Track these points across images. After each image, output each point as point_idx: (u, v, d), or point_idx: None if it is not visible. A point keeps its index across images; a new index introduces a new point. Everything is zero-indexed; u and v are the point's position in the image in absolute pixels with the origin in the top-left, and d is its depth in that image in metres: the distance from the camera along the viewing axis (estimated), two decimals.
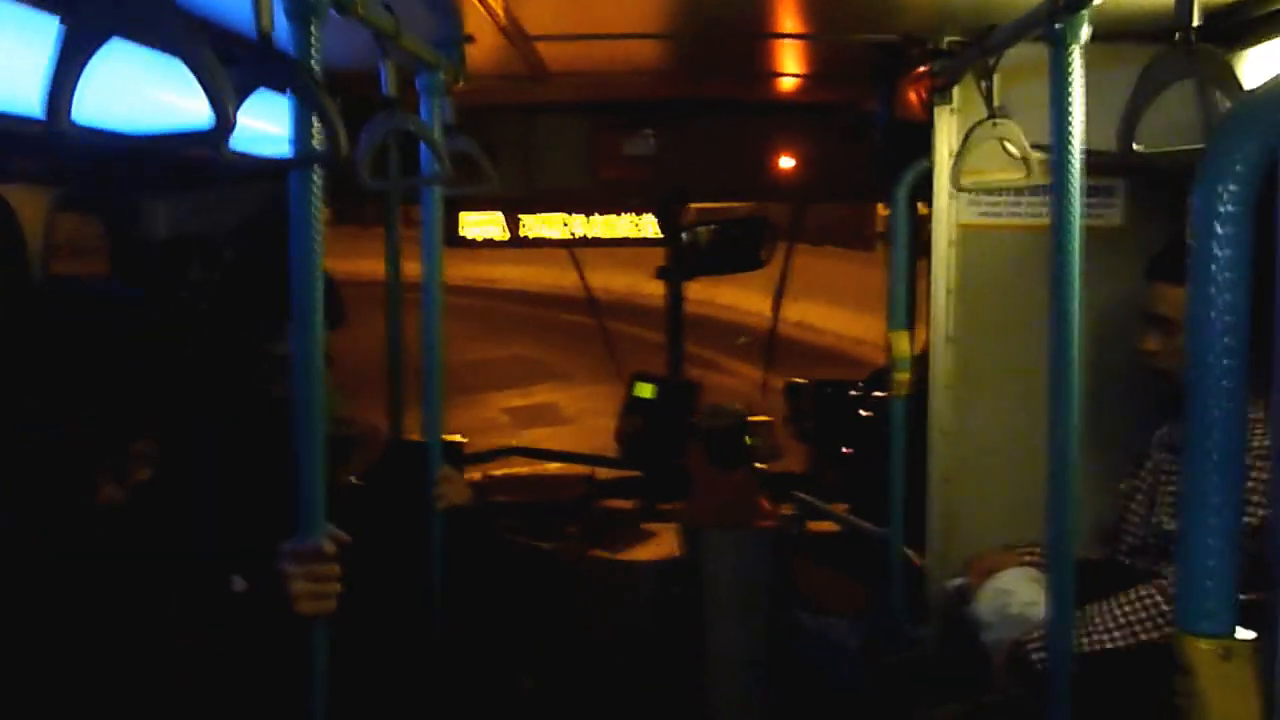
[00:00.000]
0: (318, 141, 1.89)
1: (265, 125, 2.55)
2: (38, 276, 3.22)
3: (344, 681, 2.27)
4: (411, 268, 3.71)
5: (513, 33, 3.33)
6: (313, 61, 1.87)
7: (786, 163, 5.11)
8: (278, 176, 2.02)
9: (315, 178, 1.95)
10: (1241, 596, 1.23)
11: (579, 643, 4.54)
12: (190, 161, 3.16)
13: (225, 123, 1.46)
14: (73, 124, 1.49)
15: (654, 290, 6.06)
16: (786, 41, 3.81)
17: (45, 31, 1.98)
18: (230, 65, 1.55)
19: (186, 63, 1.45)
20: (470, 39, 3.15)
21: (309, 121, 1.87)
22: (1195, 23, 2.01)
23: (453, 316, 3.33)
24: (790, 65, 4.26)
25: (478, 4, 2.94)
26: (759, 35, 3.69)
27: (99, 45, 1.47)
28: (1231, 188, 1.28)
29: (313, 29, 1.87)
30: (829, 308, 15.95)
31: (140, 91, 2.45)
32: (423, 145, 2.94)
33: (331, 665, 2.22)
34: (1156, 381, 3.12)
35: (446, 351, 3.24)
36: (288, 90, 1.84)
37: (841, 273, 15.93)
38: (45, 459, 2.06)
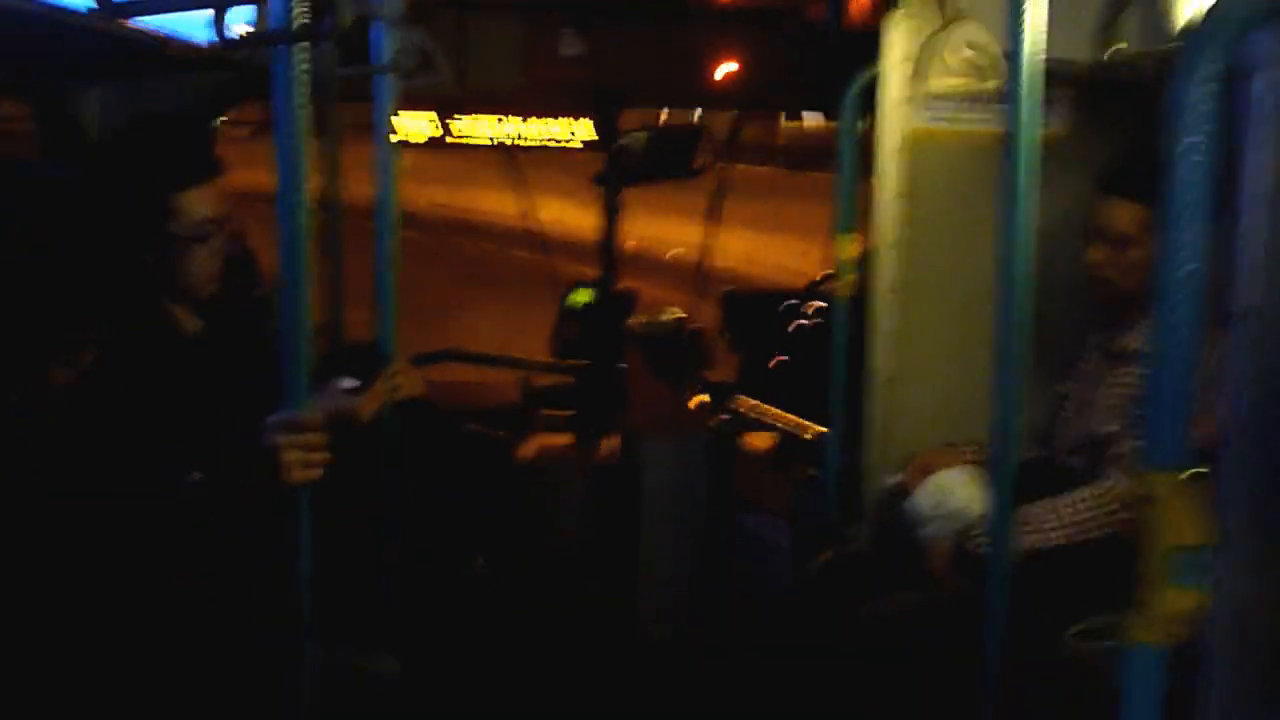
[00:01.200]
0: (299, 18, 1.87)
1: None
2: None
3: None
4: None
5: None
6: None
7: (727, 68, 5.11)
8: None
9: (302, 56, 1.94)
10: None
11: (524, 533, 4.60)
12: (129, 45, 3.11)
13: None
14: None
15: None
16: None
17: None
18: None
19: None
20: None
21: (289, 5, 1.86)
22: None
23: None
24: None
25: None
26: None
27: None
28: (1204, 87, 1.38)
29: None
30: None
31: None
32: (375, 35, 2.91)
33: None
34: (1099, 293, 3.17)
35: None
36: None
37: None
38: None
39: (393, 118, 5.04)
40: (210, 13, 1.78)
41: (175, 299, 2.82)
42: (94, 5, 1.51)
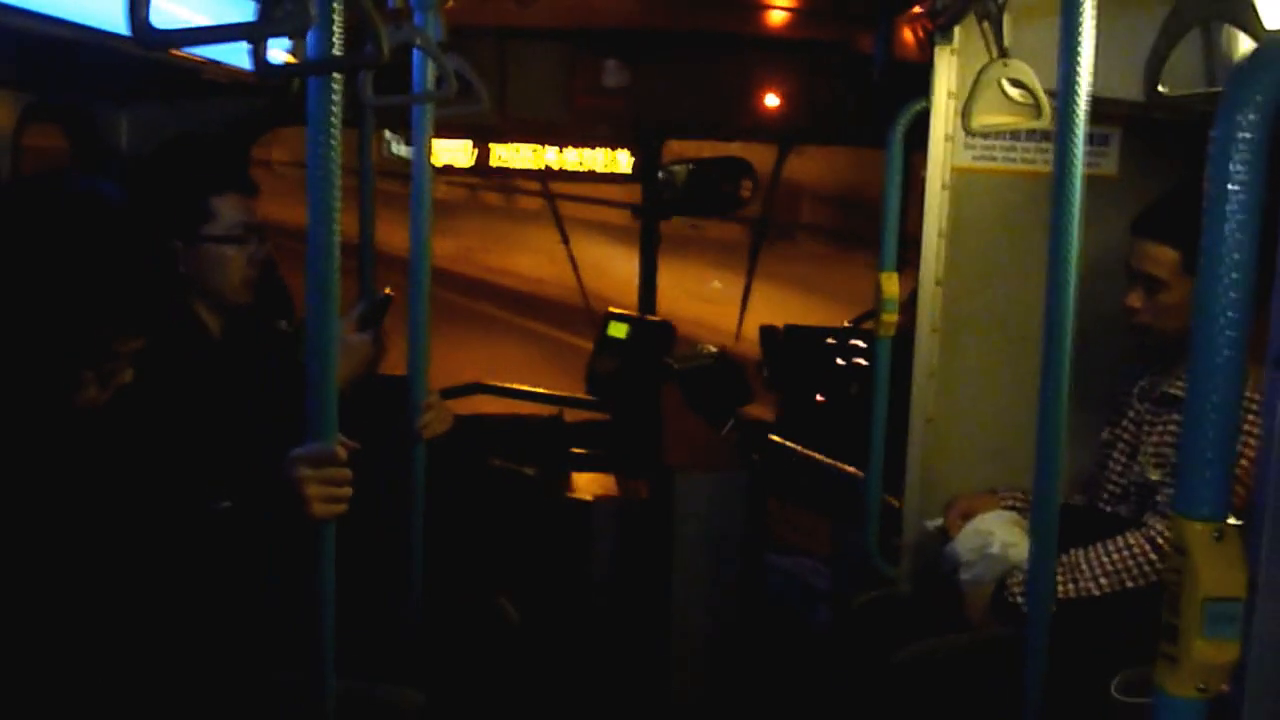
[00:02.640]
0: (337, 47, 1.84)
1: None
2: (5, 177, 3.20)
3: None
4: None
5: None
6: None
7: (771, 101, 5.07)
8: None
9: (335, 86, 1.90)
10: None
11: (554, 576, 4.54)
12: (163, 68, 3.11)
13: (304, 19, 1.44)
14: (153, 29, 1.44)
15: None
16: None
17: None
18: None
19: None
20: None
21: (330, 25, 1.82)
22: None
23: None
24: None
25: None
26: None
27: None
28: (1251, 117, 1.35)
29: None
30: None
31: None
32: (417, 63, 2.89)
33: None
34: (1141, 339, 3.12)
35: None
36: None
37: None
38: (29, 355, 2.02)
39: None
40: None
41: (205, 304, 2.84)
42: (131, 34, 1.47)
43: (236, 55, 3.03)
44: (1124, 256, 3.11)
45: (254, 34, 1.62)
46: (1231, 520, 1.44)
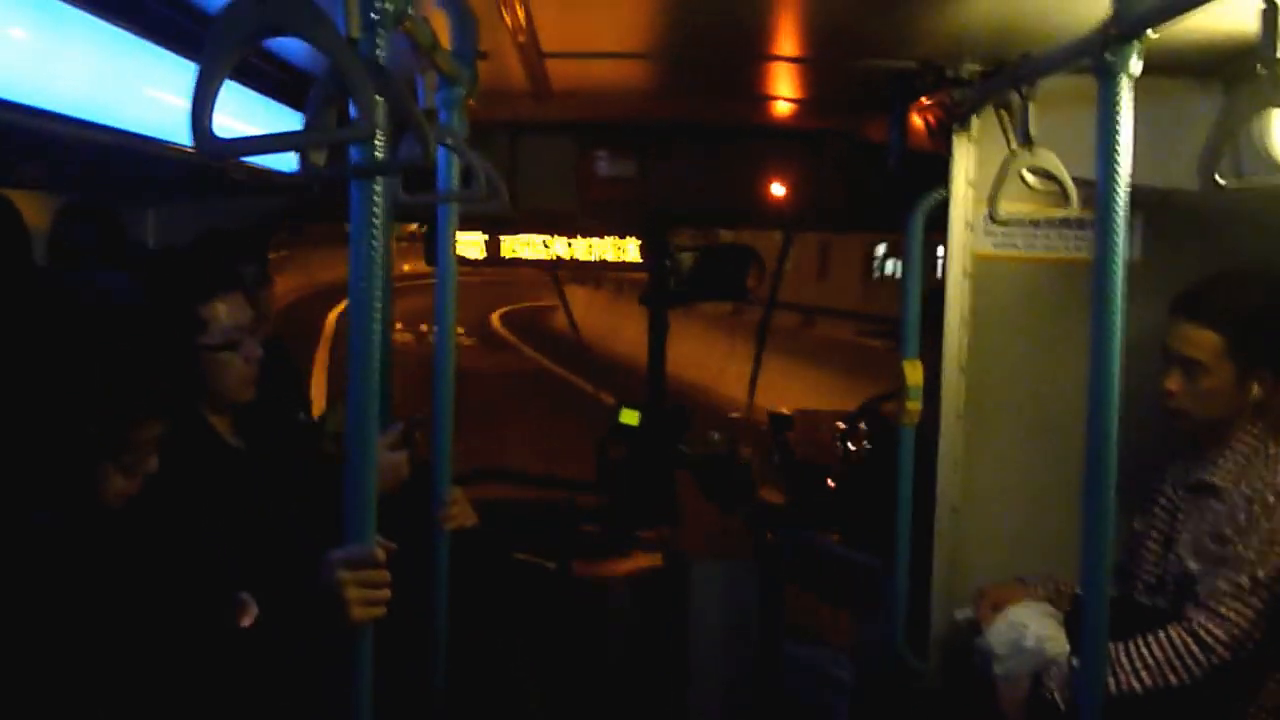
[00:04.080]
0: (380, 151, 1.82)
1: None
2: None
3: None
4: None
5: (528, 49, 3.28)
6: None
7: (778, 190, 5.08)
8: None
9: (377, 190, 1.89)
10: None
11: (573, 662, 4.50)
12: (196, 171, 3.13)
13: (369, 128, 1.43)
14: (215, 139, 1.44)
15: None
16: (791, 65, 3.78)
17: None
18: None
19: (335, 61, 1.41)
20: (485, 55, 3.10)
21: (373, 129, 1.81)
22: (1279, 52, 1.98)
23: None
24: (790, 89, 4.23)
25: (500, 20, 2.89)
26: (768, 58, 3.65)
27: (240, 54, 1.42)
28: None
29: (381, 39, 1.82)
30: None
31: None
32: (442, 161, 2.90)
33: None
34: (1176, 424, 3.09)
35: None
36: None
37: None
38: (45, 449, 1.99)
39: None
40: None
41: (213, 409, 2.84)
42: (194, 144, 1.47)
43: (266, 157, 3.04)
44: (1152, 343, 3.10)
45: (311, 141, 1.62)
46: None
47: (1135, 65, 2.22)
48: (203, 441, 2.83)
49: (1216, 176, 2.09)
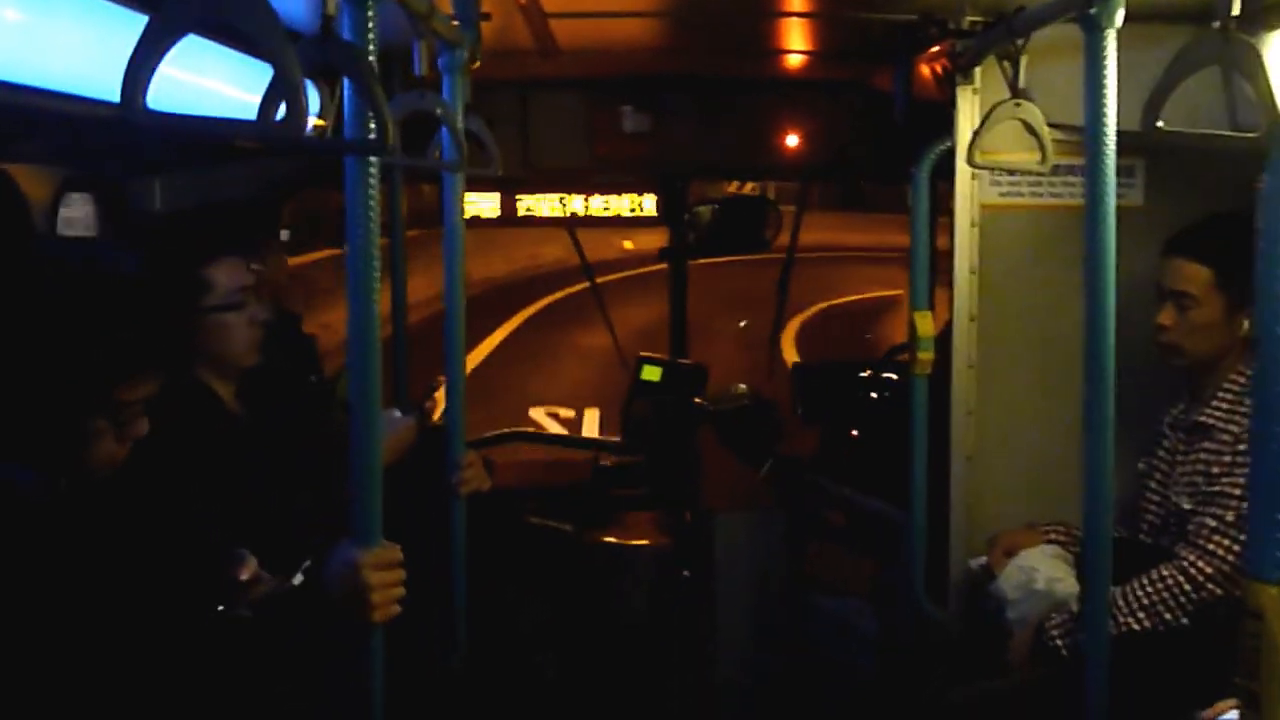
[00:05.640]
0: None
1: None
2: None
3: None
4: None
5: (531, 10, 3.29)
6: (370, 45, 1.85)
7: (792, 141, 5.08)
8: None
9: (371, 167, 1.92)
10: None
11: (593, 628, 4.53)
12: (200, 140, 3.14)
13: (299, 112, 1.46)
14: (148, 110, 1.48)
15: None
16: (797, 19, 3.79)
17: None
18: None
19: (268, 56, 1.44)
20: (487, 16, 3.12)
21: (365, 108, 1.84)
22: (1234, 11, 1.99)
23: None
24: (798, 43, 4.23)
25: None
26: (773, 14, 3.66)
27: (181, 36, 1.46)
28: None
29: (370, 11, 1.85)
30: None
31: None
32: (445, 127, 2.92)
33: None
34: (1170, 361, 3.12)
35: None
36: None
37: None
38: (37, 410, 2.01)
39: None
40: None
41: (217, 374, 2.85)
42: (123, 115, 1.51)
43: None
44: (1154, 282, 3.12)
45: (244, 132, 1.65)
46: None
47: (1119, 16, 2.24)
48: (203, 407, 2.85)
49: (1159, 122, 2.10)
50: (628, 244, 17.70)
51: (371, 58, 1.87)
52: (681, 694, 4.53)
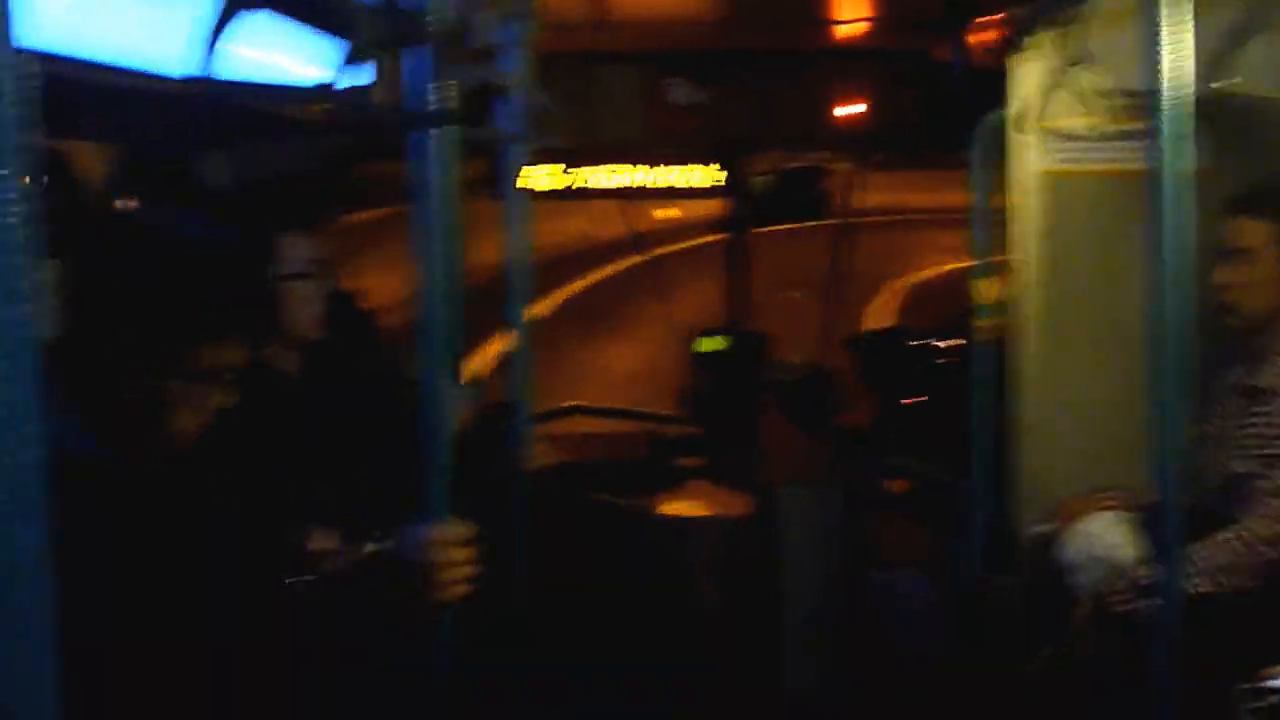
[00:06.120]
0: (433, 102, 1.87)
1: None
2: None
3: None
4: None
5: None
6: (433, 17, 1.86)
7: (849, 111, 5.08)
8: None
9: (439, 139, 1.94)
10: None
11: (656, 603, 4.54)
12: (260, 113, 3.18)
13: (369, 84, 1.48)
14: (218, 80, 1.50)
15: None
16: None
17: None
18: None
19: (336, 27, 1.46)
20: None
21: (428, 79, 1.86)
22: None
23: None
24: (854, 13, 4.23)
25: None
26: None
27: (252, 8, 1.48)
28: None
29: None
30: None
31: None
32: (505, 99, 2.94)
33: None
34: (1227, 320, 3.09)
35: None
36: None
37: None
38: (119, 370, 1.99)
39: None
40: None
41: (282, 344, 2.86)
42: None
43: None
44: (1215, 245, 3.10)
45: (317, 103, 1.67)
46: None
47: None
48: (270, 379, 2.86)
49: (1211, 83, 2.08)
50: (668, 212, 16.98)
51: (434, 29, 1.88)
52: (749, 671, 4.54)
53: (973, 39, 3.65)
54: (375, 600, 2.18)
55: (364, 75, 1.70)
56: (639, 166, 5.82)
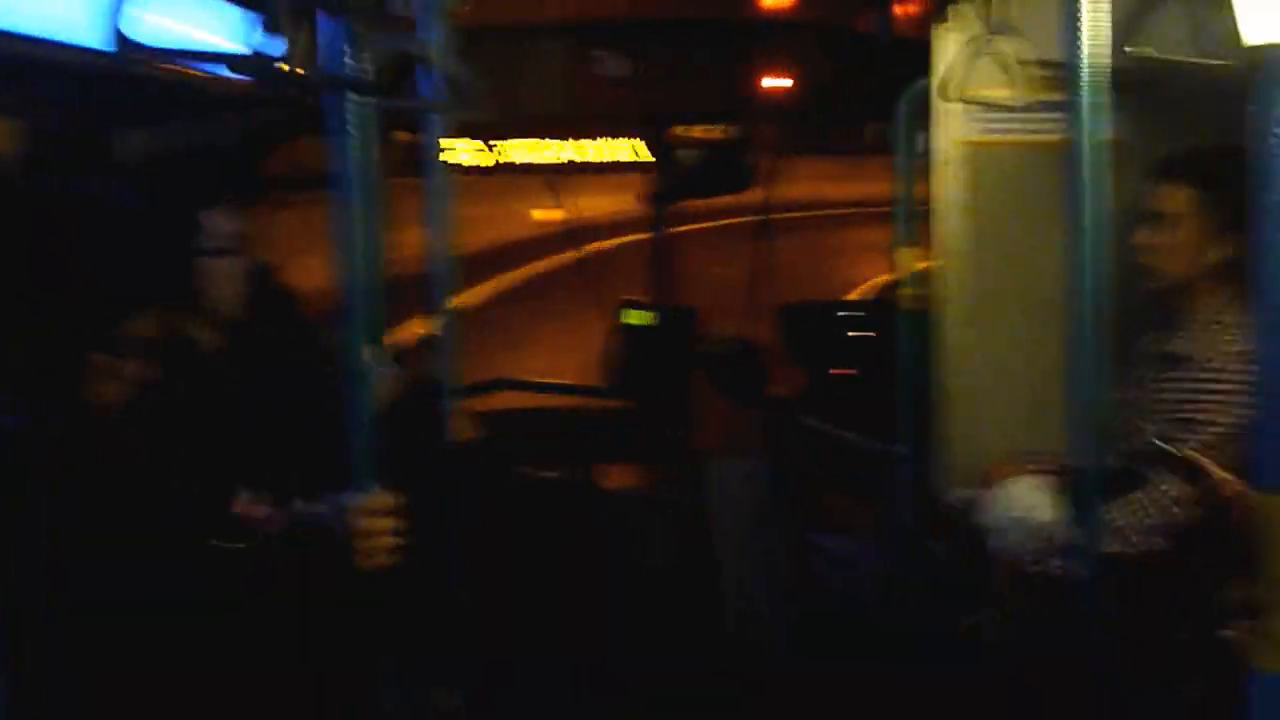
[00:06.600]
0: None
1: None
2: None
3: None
4: None
5: None
6: None
7: (774, 82, 5.09)
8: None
9: (353, 106, 1.92)
10: None
11: (590, 575, 4.56)
12: (171, 87, 3.13)
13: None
14: (135, 45, 1.48)
15: None
16: None
17: None
18: None
19: None
20: None
21: (342, 45, 1.84)
22: None
23: None
24: None
25: None
26: None
27: None
28: None
29: None
30: None
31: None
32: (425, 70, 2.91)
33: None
34: (1146, 284, 3.14)
35: None
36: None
37: None
38: (38, 343, 2.00)
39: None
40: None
41: (204, 320, 2.83)
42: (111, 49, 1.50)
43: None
44: (1138, 211, 3.14)
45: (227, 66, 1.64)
46: None
47: None
48: (187, 353, 2.83)
49: (1126, 47, 2.11)
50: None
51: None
52: (687, 640, 4.56)
53: (898, 9, 3.66)
54: (302, 566, 2.18)
55: (277, 46, 1.67)
56: (565, 142, 5.79)
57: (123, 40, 1.49)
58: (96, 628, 1.99)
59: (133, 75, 2.66)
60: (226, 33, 3.08)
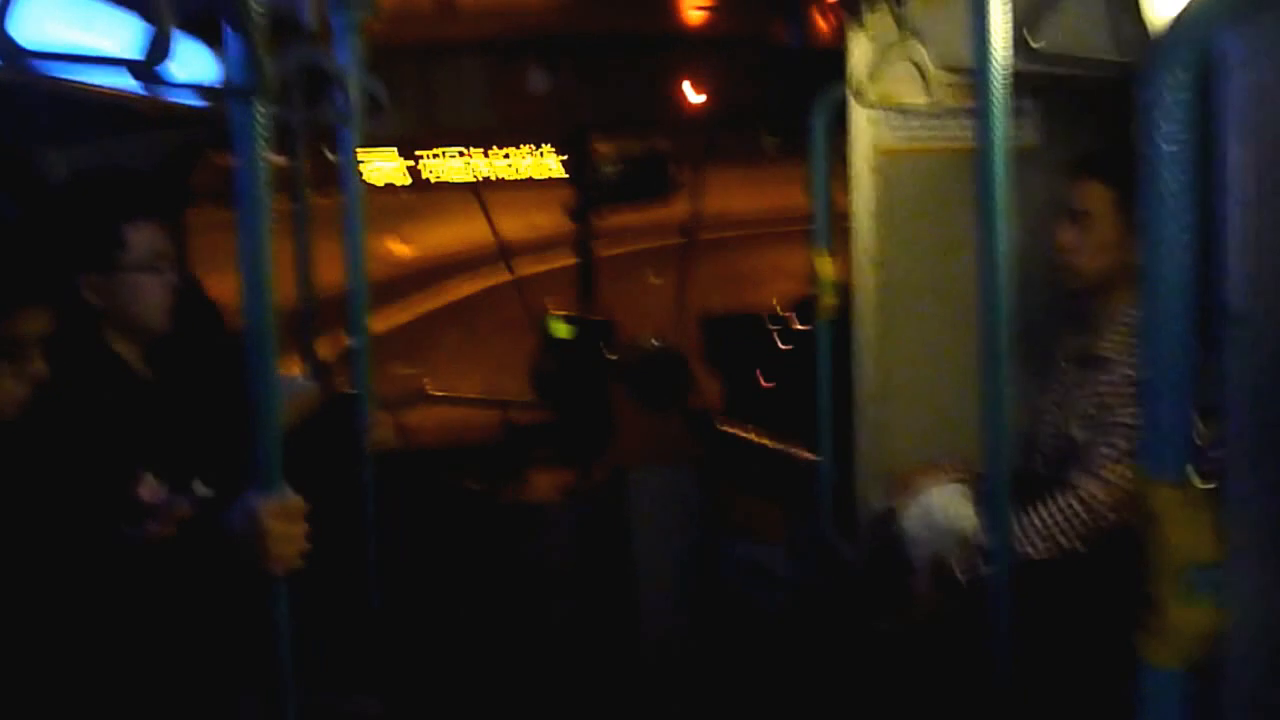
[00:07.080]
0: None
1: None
2: None
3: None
4: None
5: None
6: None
7: (693, 94, 5.11)
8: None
9: (260, 118, 1.90)
10: None
11: (510, 586, 4.55)
12: (88, 104, 3.10)
13: (162, 50, 1.44)
14: (23, 50, 1.45)
15: None
16: None
17: None
18: None
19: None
20: None
21: (252, 54, 1.82)
22: None
23: None
24: None
25: None
26: None
27: None
28: (1180, 76, 1.34)
29: None
30: None
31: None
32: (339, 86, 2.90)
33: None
34: (1067, 284, 3.16)
35: None
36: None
37: None
38: None
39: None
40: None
41: (124, 335, 2.81)
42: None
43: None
44: (1052, 223, 3.17)
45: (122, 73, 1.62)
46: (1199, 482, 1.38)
47: None
48: (107, 367, 2.81)
49: (1030, 41, 2.14)
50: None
51: (259, 11, 1.85)
52: (604, 647, 4.56)
53: (817, 20, 3.68)
54: (205, 562, 2.17)
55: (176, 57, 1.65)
56: (487, 156, 5.79)
57: (10, 46, 1.45)
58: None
59: (54, 92, 2.63)
60: (125, 41, 3.04)
